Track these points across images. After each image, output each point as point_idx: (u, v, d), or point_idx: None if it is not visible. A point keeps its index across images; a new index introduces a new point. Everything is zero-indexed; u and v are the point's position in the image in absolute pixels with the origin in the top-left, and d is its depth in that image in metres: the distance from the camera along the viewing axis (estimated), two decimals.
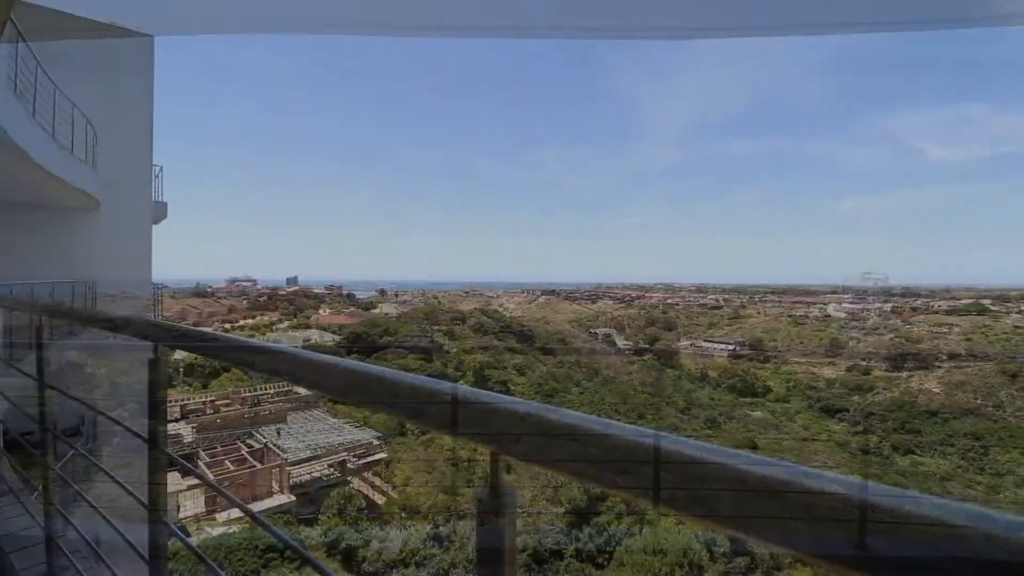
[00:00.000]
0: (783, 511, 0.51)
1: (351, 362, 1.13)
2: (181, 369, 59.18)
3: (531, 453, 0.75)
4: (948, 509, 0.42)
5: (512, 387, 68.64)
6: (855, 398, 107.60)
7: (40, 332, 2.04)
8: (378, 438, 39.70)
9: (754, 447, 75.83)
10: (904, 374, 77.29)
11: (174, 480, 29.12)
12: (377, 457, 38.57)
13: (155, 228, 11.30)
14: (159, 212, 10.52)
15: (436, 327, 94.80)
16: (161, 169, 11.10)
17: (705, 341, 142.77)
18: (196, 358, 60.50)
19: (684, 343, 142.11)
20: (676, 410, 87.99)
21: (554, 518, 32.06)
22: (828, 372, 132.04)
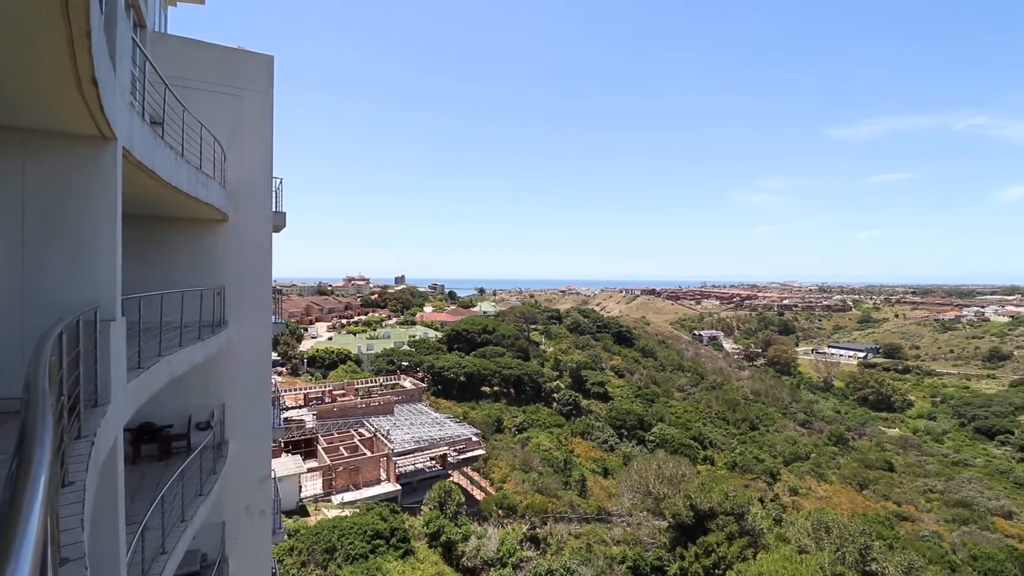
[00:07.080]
0: None
1: None
2: (305, 360, 65.39)
3: None
4: None
5: (611, 389, 66.81)
6: (1022, 418, 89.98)
7: None
8: (476, 434, 40.55)
9: (891, 469, 66.61)
10: None
11: (296, 463, 31.98)
12: (476, 453, 39.40)
13: (281, 232, 12.26)
14: (279, 221, 11.32)
15: (533, 326, 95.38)
16: (281, 181, 11.94)
17: (829, 346, 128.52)
18: (318, 349, 66.48)
19: (803, 348, 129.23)
20: (794, 422, 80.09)
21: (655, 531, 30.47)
22: (987, 386, 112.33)
